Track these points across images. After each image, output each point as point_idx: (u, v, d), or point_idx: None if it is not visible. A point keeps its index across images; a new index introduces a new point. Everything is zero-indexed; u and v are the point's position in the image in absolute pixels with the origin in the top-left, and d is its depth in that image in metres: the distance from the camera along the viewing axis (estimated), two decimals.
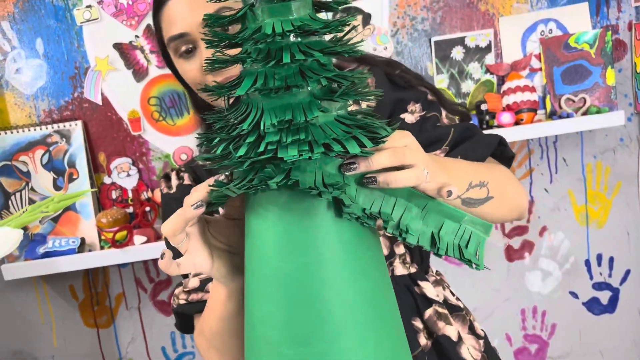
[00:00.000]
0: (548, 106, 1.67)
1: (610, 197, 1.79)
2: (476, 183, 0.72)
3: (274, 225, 0.51)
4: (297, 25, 0.48)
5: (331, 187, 0.49)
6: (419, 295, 0.85)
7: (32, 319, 1.68)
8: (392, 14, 1.65)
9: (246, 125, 0.49)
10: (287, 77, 0.48)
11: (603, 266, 1.82)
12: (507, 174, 0.84)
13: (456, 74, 1.67)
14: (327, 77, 0.48)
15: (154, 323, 1.71)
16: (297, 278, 0.49)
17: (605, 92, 1.66)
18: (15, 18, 1.55)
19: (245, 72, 0.51)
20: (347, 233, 0.51)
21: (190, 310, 0.85)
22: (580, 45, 1.66)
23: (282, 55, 0.47)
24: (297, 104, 0.49)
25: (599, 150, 1.77)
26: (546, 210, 1.78)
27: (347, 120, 0.51)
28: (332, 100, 0.50)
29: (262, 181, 0.48)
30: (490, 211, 0.76)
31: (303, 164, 0.49)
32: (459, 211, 0.55)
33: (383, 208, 0.53)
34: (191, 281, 0.86)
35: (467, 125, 0.86)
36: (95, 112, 1.59)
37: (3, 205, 1.55)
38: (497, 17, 1.68)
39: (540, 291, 1.82)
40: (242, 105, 0.52)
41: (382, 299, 0.52)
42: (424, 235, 0.54)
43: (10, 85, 1.57)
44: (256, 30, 0.48)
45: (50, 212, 0.45)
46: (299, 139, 0.48)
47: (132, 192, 1.61)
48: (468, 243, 0.56)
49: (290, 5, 0.49)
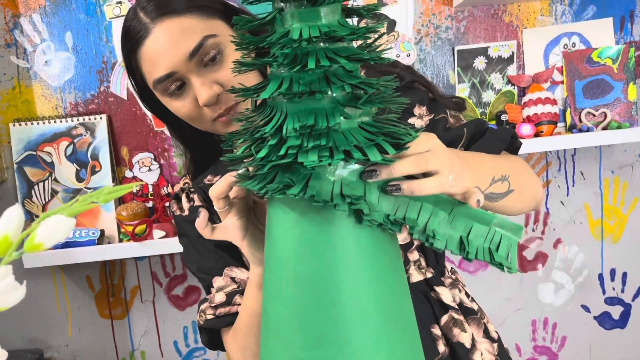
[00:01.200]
0: (568, 119, 1.68)
1: (626, 213, 1.79)
2: (498, 177, 0.72)
3: (293, 228, 0.51)
4: (324, 31, 0.48)
5: (349, 198, 0.49)
6: (435, 301, 0.86)
7: (48, 307, 1.70)
8: (417, 21, 1.66)
9: (269, 128, 0.49)
10: (312, 83, 0.48)
11: (616, 281, 1.82)
12: (524, 165, 0.84)
13: (477, 83, 1.68)
14: (351, 83, 0.49)
15: (167, 317, 1.73)
16: (313, 281, 0.50)
17: (627, 107, 1.66)
18: (46, 11, 1.58)
19: (272, 75, 0.51)
20: (365, 239, 0.51)
21: (219, 325, 0.85)
22: (603, 60, 1.66)
23: (307, 60, 0.48)
24: (320, 109, 0.49)
25: (617, 165, 1.77)
26: (561, 223, 1.79)
27: (371, 127, 0.51)
28: (355, 107, 0.50)
29: (280, 189, 0.49)
30: (511, 204, 0.76)
31: (322, 171, 0.49)
32: (487, 214, 0.55)
33: (408, 213, 0.52)
34: (217, 296, 0.85)
35: (476, 122, 0.85)
36: (120, 107, 1.62)
37: (26, 194, 1.57)
38: (520, 29, 1.68)
39: (552, 303, 1.82)
40: (267, 109, 0.52)
41: (397, 306, 0.52)
42: (452, 240, 0.54)
43: (39, 77, 1.60)
44: (283, 34, 0.49)
45: (101, 202, 0.47)
46: (319, 145, 0.48)
47: (152, 187, 1.63)
48: (499, 246, 0.55)
49: (319, 11, 0.49)
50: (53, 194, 1.58)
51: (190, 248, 0.91)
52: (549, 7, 1.69)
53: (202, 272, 0.89)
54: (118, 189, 0.52)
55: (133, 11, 0.81)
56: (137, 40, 0.79)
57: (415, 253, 0.86)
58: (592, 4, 1.69)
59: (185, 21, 0.77)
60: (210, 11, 0.80)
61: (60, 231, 0.48)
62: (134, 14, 0.80)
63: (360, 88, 0.50)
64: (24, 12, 1.57)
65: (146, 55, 0.79)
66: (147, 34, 0.78)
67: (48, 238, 0.47)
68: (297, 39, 0.48)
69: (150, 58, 0.78)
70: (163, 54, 0.77)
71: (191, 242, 0.91)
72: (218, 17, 0.80)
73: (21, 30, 1.58)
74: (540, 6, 1.68)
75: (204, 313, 0.86)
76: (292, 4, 0.49)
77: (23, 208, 1.57)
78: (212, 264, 0.88)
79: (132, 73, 0.85)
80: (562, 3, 1.69)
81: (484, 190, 0.68)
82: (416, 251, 0.87)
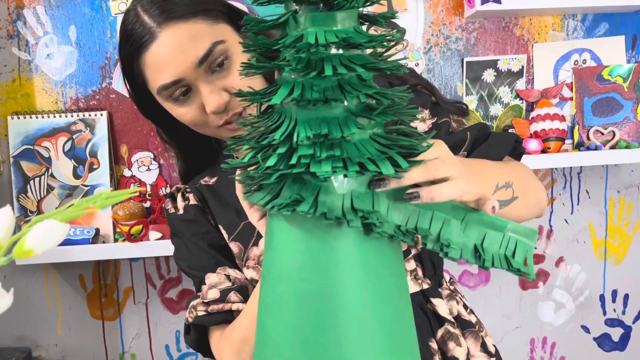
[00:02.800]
0: (576, 136, 1.66)
1: (630, 234, 1.77)
2: (502, 184, 0.71)
3: (297, 242, 0.49)
4: (341, 37, 0.46)
5: (360, 212, 0.47)
6: (432, 313, 0.84)
7: (39, 305, 1.67)
8: (427, 31, 1.64)
9: (278, 135, 0.47)
10: (326, 90, 0.46)
11: (617, 303, 1.79)
12: (527, 171, 0.82)
13: (485, 96, 1.66)
14: (367, 93, 0.47)
15: (159, 320, 1.70)
16: (317, 299, 0.48)
17: (636, 127, 1.64)
18: (50, 3, 1.55)
19: (282, 80, 0.49)
20: (371, 255, 0.49)
21: (210, 322, 0.83)
22: (613, 78, 1.64)
23: (324, 66, 0.46)
24: (333, 118, 0.47)
25: (624, 185, 1.75)
26: (564, 241, 1.76)
27: (383, 140, 0.49)
28: (369, 118, 0.48)
29: (288, 204, 0.47)
30: (515, 211, 0.75)
31: (330, 183, 0.47)
32: (500, 219, 0.53)
33: (420, 223, 0.51)
34: (210, 292, 0.83)
35: (479, 126, 0.84)
36: (121, 104, 1.59)
37: (21, 189, 1.54)
38: (531, 43, 1.66)
39: (552, 322, 1.79)
40: (275, 114, 0.50)
41: (401, 326, 0.51)
42: (467, 248, 0.52)
43: (40, 70, 1.57)
44: (298, 38, 0.46)
45: (98, 208, 0.44)
46: (333, 155, 0.46)
47: (151, 187, 1.61)
48: (515, 252, 0.54)
49: (335, 16, 0.47)
50: (49, 190, 1.55)
51: (183, 247, 0.89)
52: (560, 22, 1.67)
53: (193, 269, 0.87)
54: (116, 194, 0.49)
55: (134, 13, 0.78)
56: (141, 45, 0.77)
57: (411, 262, 0.84)
58: (605, 21, 1.67)
59: (193, 26, 0.76)
60: (216, 15, 0.78)
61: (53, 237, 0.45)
62: (136, 17, 0.77)
63: (373, 98, 0.48)
64: (28, 3, 1.54)
65: (151, 61, 0.77)
66: (153, 38, 0.76)
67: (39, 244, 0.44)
68: (313, 43, 0.45)
69: (156, 64, 0.76)
70: (170, 61, 0.75)
71: (184, 241, 0.89)
72: (224, 21, 0.79)
73: (24, 21, 1.55)
74: (552, 21, 1.66)
75: (195, 309, 0.83)
76: (307, 7, 0.47)
77: (17, 203, 1.54)
78: (205, 262, 0.86)
79: (131, 76, 0.82)
80: (574, 19, 1.67)
81: None
82: (413, 260, 0.84)
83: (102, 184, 1.56)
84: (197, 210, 0.89)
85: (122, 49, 0.81)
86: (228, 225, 0.87)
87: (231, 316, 0.82)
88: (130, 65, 0.80)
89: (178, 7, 0.76)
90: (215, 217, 0.89)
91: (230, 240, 0.87)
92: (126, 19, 0.79)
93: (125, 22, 0.79)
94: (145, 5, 0.77)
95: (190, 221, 0.89)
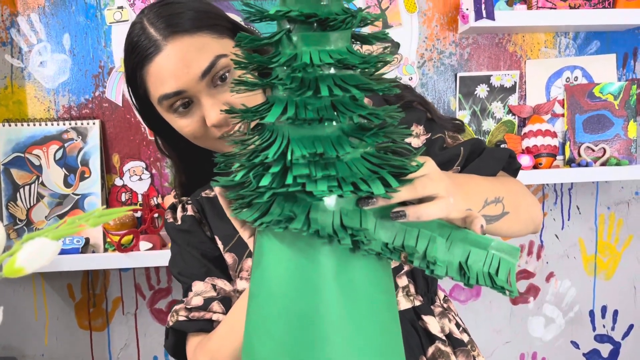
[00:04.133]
0: (567, 153, 1.67)
1: (620, 250, 1.78)
2: (492, 199, 0.71)
3: (288, 260, 0.48)
4: (336, 58, 0.46)
5: (350, 229, 0.47)
6: (423, 331, 0.83)
7: (26, 314, 1.65)
8: (421, 45, 1.65)
9: (271, 153, 0.47)
10: (319, 110, 0.46)
11: (607, 318, 1.80)
12: (520, 186, 0.82)
13: (478, 111, 1.67)
14: (360, 114, 0.47)
15: (148, 331, 1.68)
16: (307, 318, 0.47)
17: (626, 144, 1.66)
18: (45, 11, 1.55)
19: (273, 98, 0.49)
20: (361, 273, 0.49)
21: (189, 328, 0.83)
22: (604, 95, 1.66)
23: (319, 86, 0.46)
24: (326, 137, 0.47)
25: (614, 201, 1.76)
26: (555, 257, 1.77)
27: (374, 159, 0.49)
28: (360, 139, 0.48)
29: (280, 221, 0.47)
30: (506, 226, 0.75)
31: (322, 201, 0.47)
32: (484, 237, 0.53)
33: (406, 241, 0.51)
34: (194, 299, 0.83)
35: (473, 141, 0.84)
36: (114, 113, 1.58)
37: (11, 197, 1.53)
38: (524, 59, 1.68)
39: (542, 337, 1.79)
40: (266, 132, 0.50)
41: (390, 344, 0.51)
42: (452, 266, 0.52)
43: (33, 78, 1.56)
44: (292, 57, 0.47)
45: (91, 226, 0.44)
46: (329, 175, 0.46)
47: (142, 196, 1.60)
48: (498, 270, 0.54)
49: (329, 36, 0.47)
50: (39, 198, 1.54)
51: (178, 255, 0.90)
52: (553, 40, 1.68)
53: (183, 275, 0.88)
54: (109, 212, 0.48)
55: (140, 26, 0.79)
56: (146, 57, 0.77)
57: (404, 278, 0.84)
58: (596, 40, 1.69)
59: (198, 40, 0.77)
60: (221, 30, 0.79)
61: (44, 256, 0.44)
62: (142, 29, 0.78)
63: (366, 118, 0.48)
64: (22, 10, 1.54)
65: (154, 72, 0.78)
66: (158, 51, 0.77)
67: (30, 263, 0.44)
68: (308, 63, 0.45)
69: (159, 75, 0.77)
70: (173, 72, 0.76)
71: (180, 249, 0.90)
72: (228, 36, 0.80)
73: (18, 29, 1.54)
74: (544, 38, 1.68)
75: (177, 313, 0.84)
76: (300, 26, 0.47)
77: (6, 211, 1.52)
78: (195, 270, 0.87)
79: (134, 86, 0.83)
80: (566, 36, 1.69)
81: None
82: (405, 276, 0.84)
83: (93, 192, 1.55)
84: (193, 221, 0.90)
85: (126, 59, 0.82)
86: (224, 236, 0.88)
87: (210, 325, 0.82)
88: (133, 76, 0.81)
89: (184, 22, 0.77)
90: (212, 228, 0.89)
91: (225, 251, 0.87)
92: (132, 31, 0.80)
93: (130, 34, 0.80)
94: (152, 19, 0.78)
95: (185, 231, 0.90)
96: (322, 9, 0.46)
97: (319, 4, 0.46)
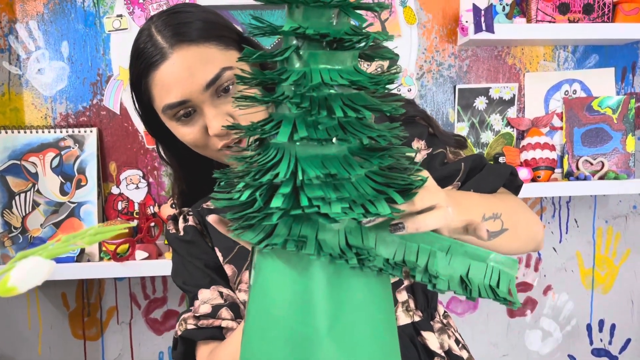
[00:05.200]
0: (565, 166, 1.67)
1: (617, 264, 1.78)
2: (489, 215, 0.70)
3: (293, 283, 0.48)
4: (347, 78, 0.46)
5: (354, 248, 0.47)
6: (422, 346, 0.82)
7: (19, 323, 1.63)
8: (420, 57, 1.65)
9: (282, 173, 0.45)
10: (328, 130, 0.46)
11: (604, 332, 1.79)
12: (520, 203, 0.82)
13: (477, 123, 1.67)
14: (369, 136, 0.47)
15: (143, 341, 1.67)
16: (314, 341, 0.47)
17: (624, 158, 1.66)
18: (44, 18, 1.54)
19: (279, 115, 0.48)
20: (362, 292, 0.49)
21: (198, 336, 0.82)
22: (603, 109, 1.66)
23: (330, 106, 0.45)
24: (333, 157, 0.46)
25: (612, 215, 1.76)
26: (552, 270, 1.76)
27: (378, 177, 0.49)
28: (368, 160, 0.48)
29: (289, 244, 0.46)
30: (506, 243, 0.74)
31: (326, 222, 0.46)
32: (483, 250, 0.53)
33: (407, 256, 0.51)
34: (202, 307, 0.83)
35: (474, 157, 0.84)
36: (112, 121, 1.57)
37: (6, 205, 1.51)
38: (523, 72, 1.68)
39: (539, 351, 1.78)
40: (271, 150, 0.48)
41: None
42: (453, 280, 0.52)
43: (30, 85, 1.55)
44: (302, 75, 0.46)
45: (86, 244, 0.43)
46: (342, 197, 0.45)
47: (139, 205, 1.59)
48: (499, 282, 0.53)
49: (339, 55, 0.46)
50: (34, 206, 1.53)
51: (180, 265, 0.90)
52: (552, 53, 1.69)
53: (188, 285, 0.88)
54: (105, 230, 0.48)
55: (148, 32, 0.79)
56: (151, 64, 0.78)
57: (403, 293, 0.83)
58: (595, 53, 1.70)
59: (205, 51, 0.77)
60: (227, 41, 0.79)
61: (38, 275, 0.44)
62: (149, 37, 0.79)
63: (372, 138, 0.48)
64: (21, 18, 1.53)
65: (159, 80, 0.78)
66: (164, 59, 0.77)
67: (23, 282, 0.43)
68: (319, 82, 0.45)
69: (164, 83, 0.78)
70: (178, 81, 0.76)
71: (182, 259, 0.90)
72: (234, 48, 0.80)
73: (16, 36, 1.54)
74: (543, 51, 1.68)
75: (185, 322, 0.83)
76: (310, 43, 0.46)
77: (2, 219, 1.51)
78: (199, 280, 0.87)
79: (138, 93, 0.83)
80: (565, 50, 1.69)
81: None
82: (405, 291, 0.83)
83: (89, 201, 1.54)
84: (195, 232, 0.90)
85: (132, 66, 0.82)
86: (224, 248, 0.87)
87: (220, 332, 0.81)
88: (138, 83, 0.81)
89: (192, 31, 0.77)
90: (213, 239, 0.89)
91: (225, 262, 0.87)
92: (139, 38, 0.80)
93: (137, 40, 0.81)
94: (159, 27, 0.79)
95: (188, 242, 0.90)
96: (332, 29, 0.45)
97: (329, 22, 0.46)
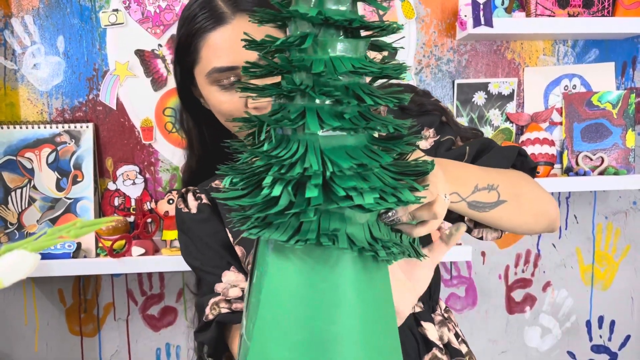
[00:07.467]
0: (565, 161, 1.66)
1: (617, 260, 1.77)
2: (483, 186, 0.70)
3: (322, 281, 0.46)
4: (366, 67, 0.45)
5: (380, 242, 0.46)
6: (421, 337, 0.83)
7: (16, 319, 1.62)
8: (418, 51, 1.63)
9: (315, 165, 0.43)
10: (352, 119, 0.45)
11: (604, 329, 1.78)
12: (527, 179, 0.80)
13: (476, 118, 1.66)
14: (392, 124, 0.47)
15: (140, 337, 1.66)
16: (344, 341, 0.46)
17: (624, 154, 1.64)
18: (39, 13, 1.53)
19: (297, 107, 0.45)
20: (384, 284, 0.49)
21: (234, 320, 0.81)
22: (603, 104, 1.65)
23: (361, 95, 0.44)
24: (354, 148, 0.46)
25: (611, 211, 1.75)
26: (552, 266, 1.75)
27: (393, 167, 0.49)
28: (391, 149, 0.48)
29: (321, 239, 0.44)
30: (507, 217, 0.74)
31: (355, 214, 0.46)
32: None
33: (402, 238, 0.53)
34: (231, 291, 0.83)
35: (482, 140, 0.84)
36: (108, 117, 1.56)
37: (2, 201, 1.50)
38: (522, 67, 1.67)
39: (538, 348, 1.77)
40: (292, 144, 0.46)
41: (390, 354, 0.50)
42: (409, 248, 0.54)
43: (26, 80, 1.54)
44: (325, 64, 0.44)
45: (72, 237, 0.42)
46: (373, 187, 0.44)
47: (135, 201, 1.58)
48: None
49: (357, 44, 0.46)
50: (30, 202, 1.52)
51: (192, 245, 0.89)
52: (551, 47, 1.67)
53: (208, 266, 0.87)
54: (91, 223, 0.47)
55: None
56: (208, 25, 0.78)
57: None
58: (595, 48, 1.68)
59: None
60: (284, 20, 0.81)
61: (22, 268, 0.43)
62: (207, 2, 0.79)
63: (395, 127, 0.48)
64: (16, 12, 1.52)
65: (214, 42, 0.78)
66: (223, 22, 0.78)
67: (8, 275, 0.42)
68: (342, 71, 0.44)
69: (218, 46, 0.78)
70: (233, 47, 0.77)
71: (194, 240, 0.89)
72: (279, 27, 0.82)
73: (11, 30, 1.53)
74: (543, 46, 1.67)
75: (217, 306, 0.83)
76: (327, 31, 0.45)
77: None
78: (217, 262, 0.86)
79: (182, 54, 0.83)
80: (564, 44, 1.68)
81: (465, 197, 0.68)
82: None
83: (85, 197, 1.53)
84: (209, 210, 0.89)
85: (183, 27, 0.82)
86: (233, 229, 0.87)
87: None
88: (187, 44, 0.82)
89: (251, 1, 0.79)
90: (223, 220, 0.89)
91: (234, 243, 0.87)
92: (194, 1, 0.81)
93: (193, 4, 0.81)
94: None
95: (204, 221, 0.89)
96: (354, 16, 0.45)
97: (346, 9, 0.45)
